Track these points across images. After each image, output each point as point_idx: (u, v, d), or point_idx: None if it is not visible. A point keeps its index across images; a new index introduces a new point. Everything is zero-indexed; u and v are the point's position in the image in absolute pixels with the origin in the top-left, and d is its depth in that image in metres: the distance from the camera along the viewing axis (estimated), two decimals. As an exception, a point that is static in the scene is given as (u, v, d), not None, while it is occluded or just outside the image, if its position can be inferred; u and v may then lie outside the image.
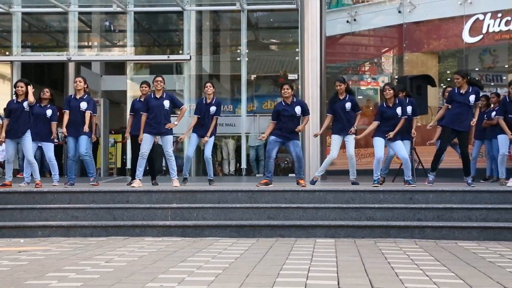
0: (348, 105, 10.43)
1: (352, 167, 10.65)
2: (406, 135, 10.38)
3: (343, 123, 10.45)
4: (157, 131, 10.12)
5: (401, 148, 9.95)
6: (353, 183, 10.39)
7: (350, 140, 10.51)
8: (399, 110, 9.97)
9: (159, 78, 10.19)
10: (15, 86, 10.21)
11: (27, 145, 9.94)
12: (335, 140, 10.51)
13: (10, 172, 10.12)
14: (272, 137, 9.94)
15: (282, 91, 9.96)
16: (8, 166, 10.13)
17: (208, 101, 10.76)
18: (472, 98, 9.86)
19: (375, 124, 10.05)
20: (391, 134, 9.83)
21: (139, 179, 9.95)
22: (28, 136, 9.96)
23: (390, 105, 9.99)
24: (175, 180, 9.97)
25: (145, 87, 10.86)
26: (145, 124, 10.11)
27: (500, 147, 10.81)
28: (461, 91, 9.90)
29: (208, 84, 10.83)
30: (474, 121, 9.94)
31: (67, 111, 10.45)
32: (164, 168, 16.84)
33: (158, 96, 10.14)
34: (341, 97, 10.47)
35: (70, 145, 10.45)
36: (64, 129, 10.40)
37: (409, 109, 10.39)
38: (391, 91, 9.94)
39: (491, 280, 4.90)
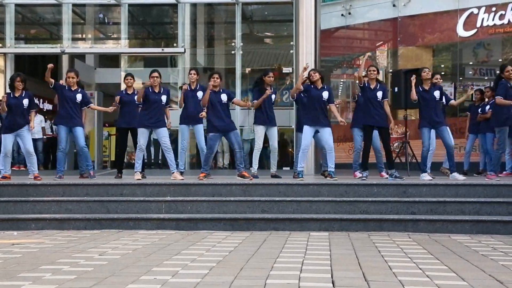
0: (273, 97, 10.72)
1: (274, 160, 10.82)
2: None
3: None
4: (153, 125, 10.17)
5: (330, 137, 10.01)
6: (274, 176, 10.49)
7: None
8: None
9: (155, 74, 10.20)
10: (13, 80, 10.22)
11: (26, 137, 10.11)
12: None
13: (9, 165, 10.22)
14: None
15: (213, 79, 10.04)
16: (7, 160, 10.20)
17: (193, 87, 10.82)
18: (379, 94, 10.00)
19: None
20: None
21: (139, 172, 10.03)
22: (27, 128, 10.13)
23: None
24: (176, 173, 10.00)
25: (130, 79, 10.92)
26: (141, 118, 10.16)
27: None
28: (371, 86, 10.04)
29: (193, 72, 10.90)
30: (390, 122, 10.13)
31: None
32: (163, 161, 16.80)
33: (156, 90, 10.21)
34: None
35: (62, 137, 10.42)
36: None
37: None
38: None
39: (483, 273, 4.92)
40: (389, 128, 10.13)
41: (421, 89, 10.02)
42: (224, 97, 9.99)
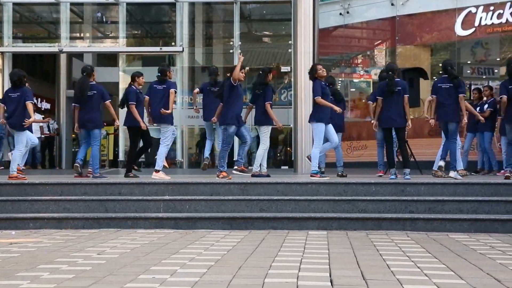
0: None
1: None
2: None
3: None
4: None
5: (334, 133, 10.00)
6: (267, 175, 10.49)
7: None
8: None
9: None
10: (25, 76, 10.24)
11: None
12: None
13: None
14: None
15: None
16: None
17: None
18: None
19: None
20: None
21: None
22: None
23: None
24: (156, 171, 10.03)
25: (143, 78, 10.93)
26: (170, 116, 10.26)
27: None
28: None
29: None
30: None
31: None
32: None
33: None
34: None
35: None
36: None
37: None
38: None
39: (481, 271, 4.94)
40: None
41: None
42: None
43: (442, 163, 9.77)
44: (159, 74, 10.28)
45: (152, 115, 10.34)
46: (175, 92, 10.47)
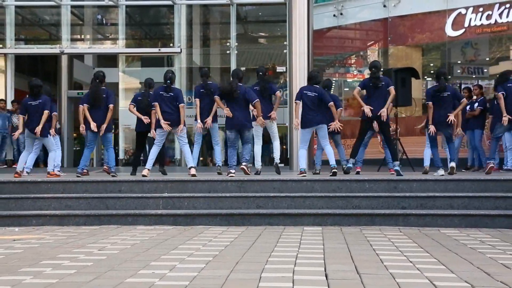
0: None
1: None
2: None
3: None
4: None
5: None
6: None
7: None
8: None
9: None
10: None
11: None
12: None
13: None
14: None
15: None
16: None
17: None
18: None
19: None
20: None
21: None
22: None
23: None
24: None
25: None
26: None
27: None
28: None
29: None
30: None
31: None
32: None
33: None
34: None
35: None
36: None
37: None
38: None
39: (472, 265, 5.01)
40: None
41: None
42: None
43: (453, 164, 9.80)
44: (168, 81, 10.14)
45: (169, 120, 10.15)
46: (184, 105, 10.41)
